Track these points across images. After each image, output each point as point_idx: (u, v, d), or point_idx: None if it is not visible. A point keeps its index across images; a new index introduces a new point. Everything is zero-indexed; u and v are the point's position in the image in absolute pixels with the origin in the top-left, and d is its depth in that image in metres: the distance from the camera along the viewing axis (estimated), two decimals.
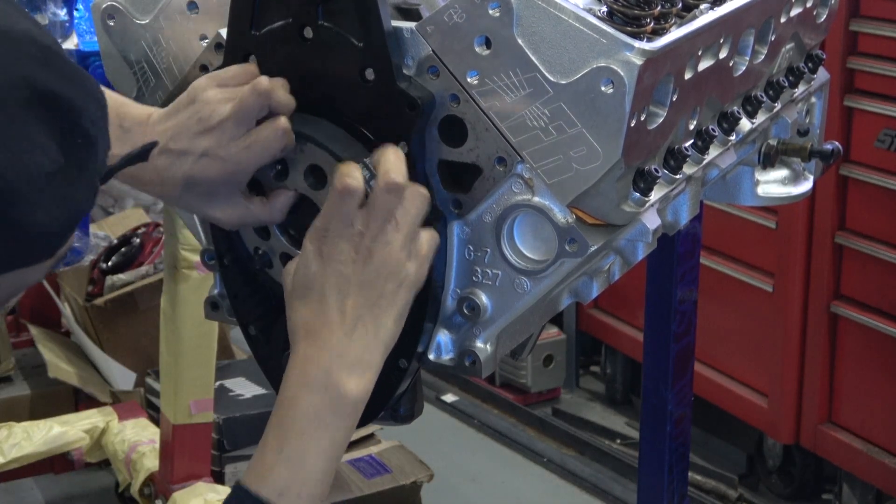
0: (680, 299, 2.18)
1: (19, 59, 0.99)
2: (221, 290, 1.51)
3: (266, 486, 1.20)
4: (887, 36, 3.43)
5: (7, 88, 0.98)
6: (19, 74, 0.99)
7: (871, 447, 3.57)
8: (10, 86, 0.98)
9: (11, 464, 3.39)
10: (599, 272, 1.40)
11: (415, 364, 1.38)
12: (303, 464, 1.21)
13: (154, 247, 4.06)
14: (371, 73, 1.31)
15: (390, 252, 1.25)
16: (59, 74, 1.02)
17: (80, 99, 1.03)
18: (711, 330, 3.74)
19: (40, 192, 0.99)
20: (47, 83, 1.00)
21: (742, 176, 1.87)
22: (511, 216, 1.32)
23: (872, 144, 3.49)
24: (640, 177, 1.34)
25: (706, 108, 1.50)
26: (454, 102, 1.30)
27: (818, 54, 1.85)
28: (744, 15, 1.52)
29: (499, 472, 4.15)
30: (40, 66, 1.01)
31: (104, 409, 3.61)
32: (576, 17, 1.23)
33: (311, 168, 1.34)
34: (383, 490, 3.40)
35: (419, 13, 1.46)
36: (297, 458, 1.21)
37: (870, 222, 3.53)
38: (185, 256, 3.02)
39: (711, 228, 3.62)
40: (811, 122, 1.96)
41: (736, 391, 3.93)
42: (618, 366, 4.59)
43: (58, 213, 1.01)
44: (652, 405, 2.24)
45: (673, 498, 2.27)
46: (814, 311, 3.69)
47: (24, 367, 3.98)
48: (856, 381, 3.63)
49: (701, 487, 3.97)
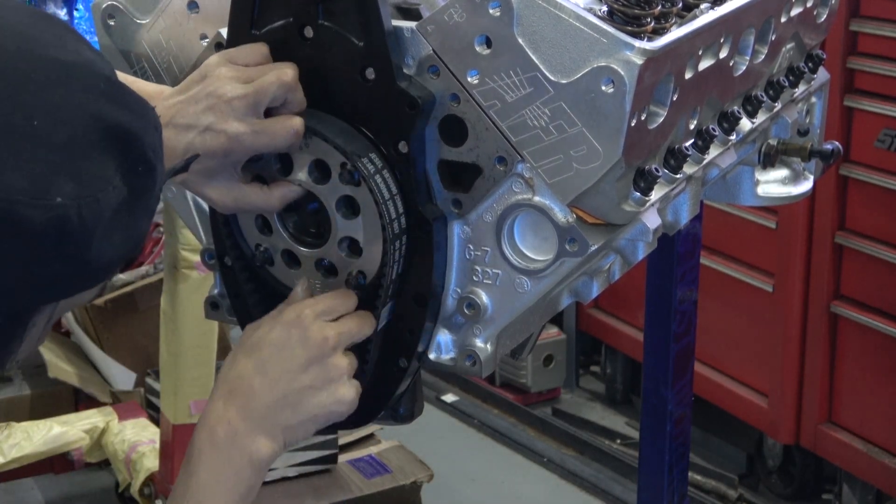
0: (680, 299, 2.18)
1: (88, 95, 1.01)
2: (221, 289, 1.51)
3: None
4: (887, 36, 3.43)
5: (82, 128, 0.99)
6: (91, 113, 1.00)
7: (871, 447, 3.57)
8: (85, 125, 1.00)
9: (11, 464, 3.39)
10: (599, 272, 1.40)
11: (415, 363, 1.39)
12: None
13: (154, 247, 4.06)
14: (371, 72, 1.31)
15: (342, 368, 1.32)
16: (124, 106, 1.04)
17: (142, 129, 1.05)
18: (711, 330, 3.74)
19: (108, 227, 1.01)
20: (116, 118, 1.02)
21: (742, 176, 1.87)
22: (511, 216, 1.32)
23: (872, 144, 3.49)
24: (640, 176, 1.34)
25: (706, 107, 1.50)
26: (454, 102, 1.30)
27: (818, 54, 1.85)
28: (744, 15, 1.52)
29: (499, 472, 4.15)
30: (108, 100, 1.02)
31: (104, 409, 3.61)
32: (576, 17, 1.23)
33: (316, 163, 1.34)
34: (383, 490, 3.40)
35: (419, 13, 1.46)
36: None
37: (870, 222, 3.53)
38: (185, 256, 3.02)
39: (711, 228, 3.62)
40: (811, 122, 1.96)
41: (736, 391, 3.93)
42: (618, 366, 4.59)
43: (121, 243, 1.04)
44: (652, 405, 2.24)
45: (673, 498, 2.27)
46: (814, 311, 3.69)
47: (24, 367, 3.98)
48: (856, 381, 3.63)
49: (701, 487, 3.97)
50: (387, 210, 1.30)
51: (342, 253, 1.37)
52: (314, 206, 1.38)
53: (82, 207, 0.98)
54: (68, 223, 0.98)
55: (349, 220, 1.35)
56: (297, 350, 1.30)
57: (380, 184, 1.30)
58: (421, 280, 1.36)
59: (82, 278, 1.03)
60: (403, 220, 1.33)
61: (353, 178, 1.31)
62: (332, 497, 3.35)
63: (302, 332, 1.31)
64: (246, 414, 1.29)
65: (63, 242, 0.98)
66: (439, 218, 1.34)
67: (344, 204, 1.34)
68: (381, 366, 1.39)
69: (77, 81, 1.01)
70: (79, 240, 0.99)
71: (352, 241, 1.36)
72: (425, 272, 1.35)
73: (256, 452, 1.28)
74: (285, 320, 1.32)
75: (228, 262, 1.44)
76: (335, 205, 1.34)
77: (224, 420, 1.29)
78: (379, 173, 1.31)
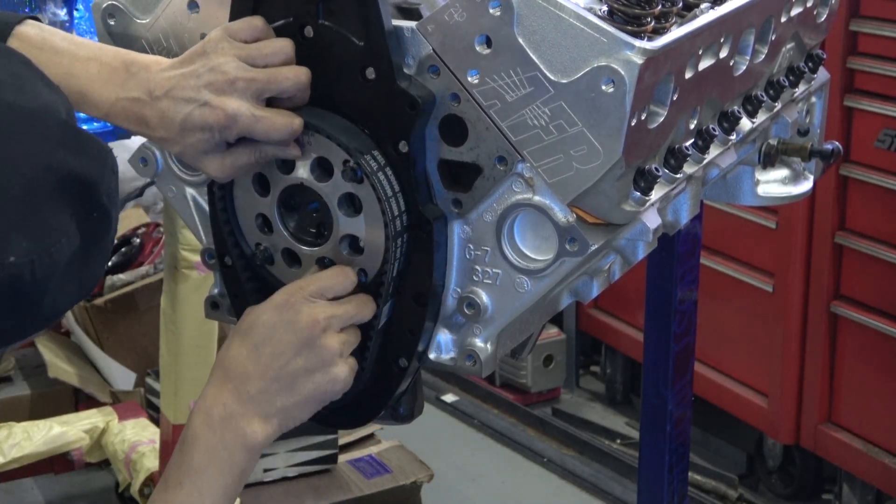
0: (680, 299, 2.18)
1: (45, 144, 0.99)
2: (221, 289, 1.51)
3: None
4: (887, 36, 3.43)
5: (38, 180, 0.98)
6: (48, 163, 0.99)
7: (871, 447, 3.57)
8: (41, 177, 0.98)
9: (11, 464, 3.38)
10: (599, 272, 1.40)
11: (415, 363, 1.39)
12: (201, 499, 1.27)
13: (154, 247, 4.06)
14: (372, 72, 1.31)
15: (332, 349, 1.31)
16: (80, 153, 1.02)
17: (98, 175, 1.04)
18: (711, 330, 3.74)
19: (62, 277, 1.00)
20: (72, 167, 1.01)
21: (742, 176, 1.87)
22: (511, 215, 1.32)
23: (872, 144, 3.48)
24: (640, 176, 1.34)
25: (706, 107, 1.50)
26: (454, 101, 1.30)
27: (818, 54, 1.85)
28: (744, 14, 1.52)
29: (499, 472, 4.15)
30: (64, 148, 1.01)
31: (104, 409, 3.61)
32: (576, 16, 1.23)
33: (319, 160, 1.34)
34: (383, 490, 3.40)
35: (419, 12, 1.47)
36: (195, 493, 1.28)
37: (870, 222, 3.53)
38: (185, 256, 3.01)
39: (711, 228, 3.62)
40: (811, 121, 1.96)
41: (736, 391, 3.93)
42: (618, 366, 4.59)
43: (75, 290, 1.03)
44: (652, 405, 2.24)
45: (673, 498, 2.27)
46: (814, 311, 3.69)
47: (24, 367, 3.97)
48: (856, 381, 3.63)
49: (701, 487, 3.97)
50: (389, 207, 1.31)
51: (343, 251, 1.37)
52: (314, 205, 1.38)
53: (35, 264, 0.97)
54: (21, 281, 0.96)
55: (351, 218, 1.35)
56: (286, 334, 1.30)
57: (382, 181, 1.31)
58: (421, 280, 1.36)
59: (33, 327, 1.02)
60: (405, 219, 1.33)
61: (355, 176, 1.31)
62: (332, 497, 3.35)
63: (292, 316, 1.31)
64: (240, 396, 1.29)
65: (16, 300, 0.97)
66: (439, 217, 1.34)
67: (346, 202, 1.34)
68: (382, 365, 1.39)
69: (34, 130, 0.99)
70: (31, 295, 0.98)
71: (353, 239, 1.36)
72: (425, 272, 1.35)
73: (251, 435, 1.29)
74: (276, 302, 1.32)
75: (228, 261, 1.44)
76: (337, 202, 1.34)
77: (219, 402, 1.29)
78: (381, 171, 1.31)
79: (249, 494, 3.28)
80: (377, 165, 1.31)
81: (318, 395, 1.32)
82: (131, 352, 3.87)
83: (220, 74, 1.29)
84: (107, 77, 1.32)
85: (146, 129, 1.33)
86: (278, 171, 1.36)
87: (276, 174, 1.37)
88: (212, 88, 1.29)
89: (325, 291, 1.33)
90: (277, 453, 3.34)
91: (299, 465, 3.38)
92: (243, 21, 1.34)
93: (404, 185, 1.33)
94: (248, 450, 1.29)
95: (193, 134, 1.30)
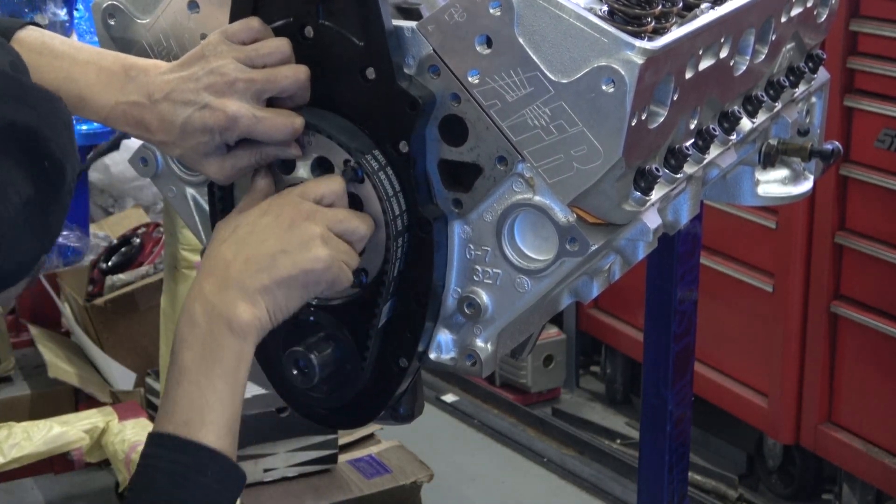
0: (680, 299, 2.18)
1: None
2: None
3: (172, 423, 1.23)
4: (887, 36, 3.43)
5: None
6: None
7: (871, 447, 3.57)
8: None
9: (11, 464, 3.38)
10: (600, 272, 1.40)
11: (415, 363, 1.39)
12: (200, 392, 1.23)
13: (154, 247, 4.06)
14: (372, 72, 1.31)
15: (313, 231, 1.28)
16: (23, 104, 1.02)
17: (47, 126, 1.03)
18: (711, 330, 3.74)
19: (14, 230, 0.99)
20: (14, 116, 1.00)
21: (742, 176, 1.87)
22: (512, 215, 1.32)
23: (872, 144, 3.49)
24: (640, 176, 1.34)
25: (707, 107, 1.50)
26: (455, 101, 1.30)
27: (818, 54, 1.85)
28: (744, 15, 1.52)
29: (499, 472, 4.15)
30: (5, 99, 1.00)
31: (104, 409, 3.61)
32: (577, 16, 1.23)
33: (319, 160, 1.34)
34: (383, 490, 3.40)
35: (420, 12, 1.46)
36: (193, 390, 1.24)
37: (870, 222, 3.53)
38: (185, 256, 3.02)
39: (711, 228, 3.62)
40: (811, 121, 1.96)
41: (736, 391, 3.93)
42: (618, 366, 4.59)
43: (31, 245, 1.01)
44: (652, 405, 2.24)
45: (673, 498, 2.27)
46: (814, 311, 3.69)
47: (24, 367, 3.97)
48: (856, 381, 3.63)
49: (701, 487, 3.97)
50: (389, 207, 1.31)
51: None
52: None
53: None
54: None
55: None
56: (270, 223, 1.28)
57: (383, 181, 1.31)
58: (421, 280, 1.36)
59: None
60: (405, 218, 1.33)
61: (356, 175, 1.31)
62: (332, 497, 3.34)
63: (276, 209, 1.29)
64: (220, 286, 1.25)
65: None
66: (440, 217, 1.34)
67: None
68: (382, 365, 1.39)
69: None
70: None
71: None
72: (426, 272, 1.35)
73: (236, 318, 1.24)
74: (261, 205, 1.31)
75: None
76: None
77: (201, 297, 1.26)
78: (382, 170, 1.31)
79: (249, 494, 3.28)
80: (378, 165, 1.31)
81: (301, 277, 1.27)
82: (131, 352, 3.87)
83: (219, 76, 1.29)
84: (106, 81, 1.32)
85: (146, 132, 1.33)
86: (279, 171, 1.36)
87: (276, 174, 1.37)
88: (211, 91, 1.29)
89: (310, 191, 1.31)
90: (277, 453, 3.34)
91: (299, 465, 3.38)
92: (241, 23, 1.34)
93: (404, 185, 1.33)
94: (236, 333, 1.24)
95: (194, 136, 1.30)
